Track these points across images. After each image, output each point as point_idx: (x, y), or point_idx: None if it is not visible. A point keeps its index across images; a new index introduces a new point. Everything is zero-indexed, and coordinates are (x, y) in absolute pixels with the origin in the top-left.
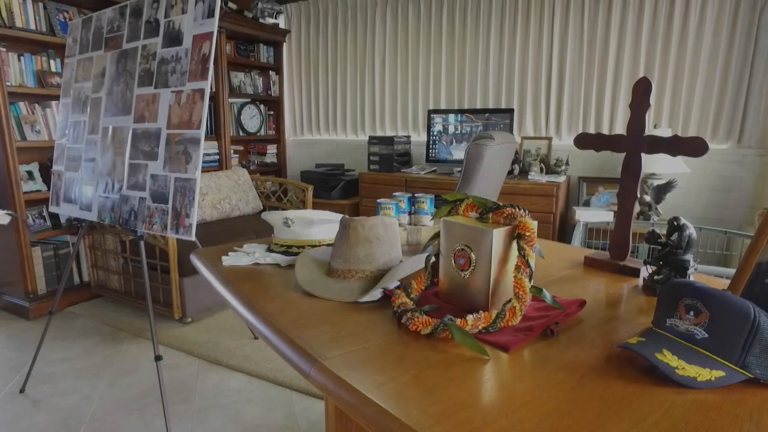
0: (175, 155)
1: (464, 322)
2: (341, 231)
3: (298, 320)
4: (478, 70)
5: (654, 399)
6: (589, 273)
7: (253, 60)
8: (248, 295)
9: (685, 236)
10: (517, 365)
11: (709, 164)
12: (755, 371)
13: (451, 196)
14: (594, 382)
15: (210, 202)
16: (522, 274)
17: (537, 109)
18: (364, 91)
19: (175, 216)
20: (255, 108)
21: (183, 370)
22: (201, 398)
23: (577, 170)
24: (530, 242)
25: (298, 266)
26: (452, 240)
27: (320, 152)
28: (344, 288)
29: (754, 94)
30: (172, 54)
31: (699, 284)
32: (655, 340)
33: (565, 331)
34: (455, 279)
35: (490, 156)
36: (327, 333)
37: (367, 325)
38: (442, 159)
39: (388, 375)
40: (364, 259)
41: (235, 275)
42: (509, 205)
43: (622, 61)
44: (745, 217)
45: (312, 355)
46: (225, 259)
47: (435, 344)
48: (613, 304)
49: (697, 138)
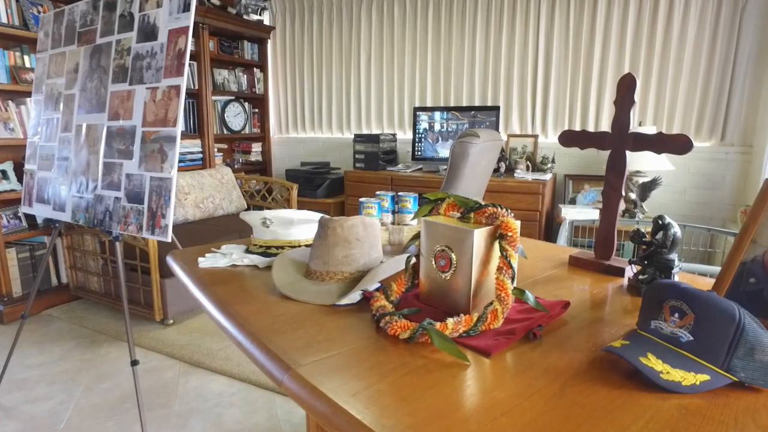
0: (151, 154)
1: (444, 325)
2: (319, 231)
3: (273, 324)
4: (464, 67)
5: (638, 405)
6: (574, 273)
7: (237, 57)
8: (223, 299)
9: (669, 235)
10: (498, 371)
11: (693, 162)
12: (740, 374)
13: (432, 195)
14: (577, 387)
15: (193, 202)
16: (504, 275)
17: (523, 107)
18: (350, 89)
19: (151, 216)
20: (239, 106)
21: (163, 373)
22: (181, 402)
23: (563, 168)
24: (512, 242)
25: (275, 268)
26: (433, 240)
27: (306, 150)
28: (322, 290)
29: (736, 93)
30: (147, 49)
31: (684, 285)
32: (640, 343)
33: (549, 333)
34: (436, 281)
35: (475, 154)
36: (302, 338)
37: (344, 330)
38: (428, 157)
39: (364, 382)
40: (343, 261)
41: (211, 277)
42: (491, 205)
43: (608, 59)
44: (728, 215)
45: (286, 361)
46: (201, 261)
47: (414, 349)
48: (598, 305)
49: (682, 135)
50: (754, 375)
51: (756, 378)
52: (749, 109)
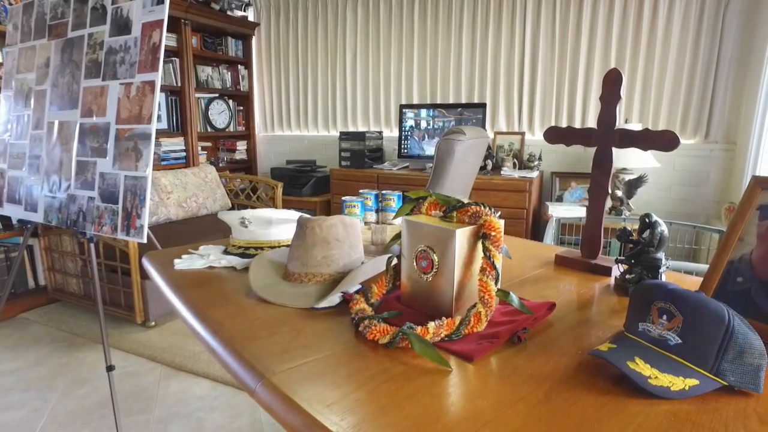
0: (125, 152)
1: (425, 330)
2: (297, 231)
3: (248, 329)
4: (450, 64)
5: (625, 413)
6: (560, 272)
7: (221, 54)
8: (197, 302)
9: (656, 234)
10: (482, 377)
11: (678, 159)
12: (729, 378)
13: (414, 193)
14: (562, 394)
15: (175, 201)
16: (487, 276)
17: (510, 104)
18: (336, 86)
19: (126, 217)
20: (223, 103)
21: (144, 377)
22: (162, 407)
23: (550, 165)
24: (496, 242)
25: (252, 269)
26: (414, 241)
27: (291, 148)
28: (300, 293)
29: (719, 90)
30: (121, 43)
31: (672, 286)
32: (627, 346)
33: (534, 336)
34: (418, 282)
35: (461, 151)
36: (278, 344)
37: (322, 334)
38: (414, 155)
39: (340, 391)
40: (322, 262)
41: (186, 280)
42: (474, 203)
43: (594, 56)
44: (712, 211)
45: (259, 369)
46: (177, 263)
47: (394, 354)
48: (584, 306)
49: (668, 131)
50: (744, 379)
51: (745, 382)
52: (732, 106)
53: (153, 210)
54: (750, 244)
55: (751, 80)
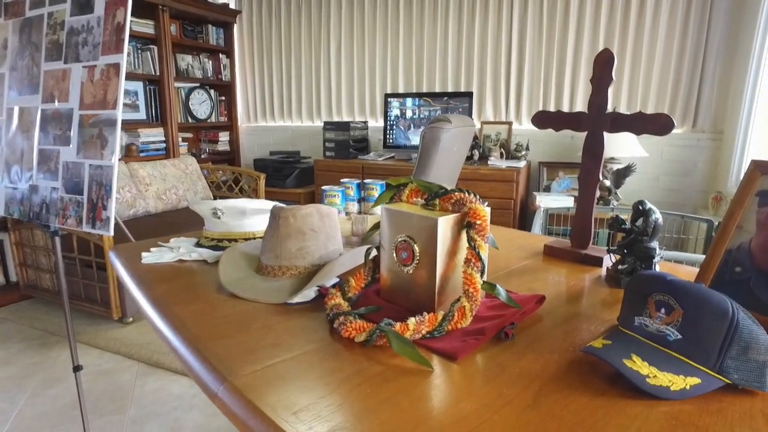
0: (90, 139)
1: (405, 326)
2: (271, 222)
3: (214, 327)
4: (436, 52)
5: (622, 416)
6: (549, 263)
7: (201, 42)
8: (163, 298)
9: (650, 222)
10: (466, 378)
11: (666, 148)
12: (733, 376)
13: (395, 180)
14: (553, 396)
15: (154, 193)
16: (472, 268)
17: (497, 93)
18: (320, 75)
19: (91, 208)
20: (204, 93)
21: (120, 375)
22: (138, 406)
23: (538, 155)
24: (481, 231)
25: (223, 263)
26: (393, 230)
27: (275, 139)
28: (273, 287)
29: (707, 80)
30: (83, 23)
31: (671, 277)
32: (623, 342)
33: (522, 332)
34: (398, 275)
35: (447, 140)
36: (246, 343)
37: (294, 332)
38: (400, 145)
39: (310, 395)
40: (297, 254)
41: (153, 274)
42: (457, 190)
43: (581, 46)
44: (699, 201)
45: (221, 371)
46: (145, 256)
47: (371, 354)
48: (575, 298)
49: (663, 114)
50: (749, 376)
51: (750, 380)
52: (719, 95)
53: (131, 202)
54: (749, 232)
55: (738, 69)
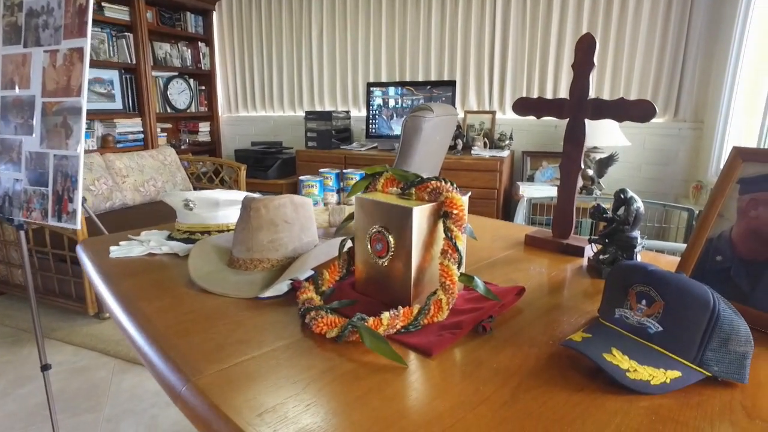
0: (54, 128)
1: (378, 321)
2: (242, 213)
3: (180, 324)
4: (419, 40)
5: (601, 412)
6: (530, 253)
7: (179, 30)
8: (129, 294)
9: (632, 211)
10: (441, 374)
11: (648, 138)
12: (713, 368)
13: (370, 169)
14: (531, 392)
15: (132, 185)
16: (449, 259)
17: (480, 82)
18: (302, 64)
19: (57, 201)
20: (183, 82)
21: (95, 372)
22: (113, 404)
23: (521, 145)
24: (458, 221)
25: (192, 256)
26: (367, 221)
27: (257, 130)
28: (244, 281)
29: (688, 69)
30: (42, 4)
31: (652, 267)
32: (603, 335)
33: (501, 325)
34: (373, 267)
35: (428, 129)
36: (213, 340)
37: (264, 328)
38: (383, 134)
39: (277, 395)
40: (269, 246)
41: (121, 269)
42: (434, 178)
43: (565, 35)
44: (680, 190)
45: (185, 371)
46: (113, 250)
47: (343, 350)
48: (556, 290)
49: (644, 100)
50: (729, 368)
51: (730, 372)
52: (700, 85)
53: (107, 195)
54: (730, 220)
55: (718, 59)
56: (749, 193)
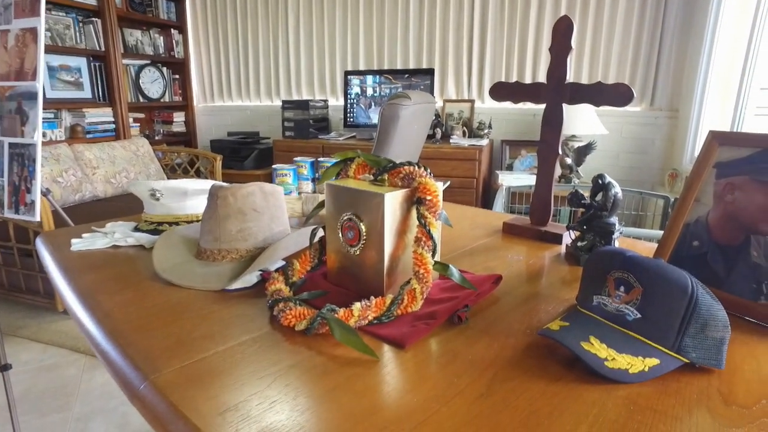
0: (8, 115)
1: (349, 312)
2: (209, 202)
3: (141, 319)
4: (397, 28)
5: (579, 402)
6: (508, 241)
7: (150, 16)
8: (89, 288)
9: (610, 197)
10: (414, 367)
11: (626, 126)
12: (691, 355)
13: (341, 155)
14: (507, 384)
15: (103, 177)
16: (423, 248)
17: (459, 70)
18: (278, 52)
19: (13, 192)
20: (156, 71)
21: (64, 370)
22: (83, 403)
23: (500, 133)
24: (432, 208)
25: (157, 247)
26: (338, 208)
27: (233, 120)
28: (211, 273)
29: (663, 59)
30: None
31: (630, 253)
32: (581, 323)
33: (477, 314)
34: (345, 256)
35: (406, 117)
36: (174, 335)
37: (231, 322)
38: (360, 123)
39: (240, 392)
40: (237, 236)
41: (83, 262)
42: (407, 163)
43: (543, 24)
44: (657, 178)
45: (143, 369)
46: (75, 243)
47: (313, 343)
48: (534, 277)
49: (622, 84)
50: (706, 354)
51: (708, 357)
52: (675, 74)
53: (76, 186)
54: (706, 204)
55: (693, 47)
56: (725, 178)
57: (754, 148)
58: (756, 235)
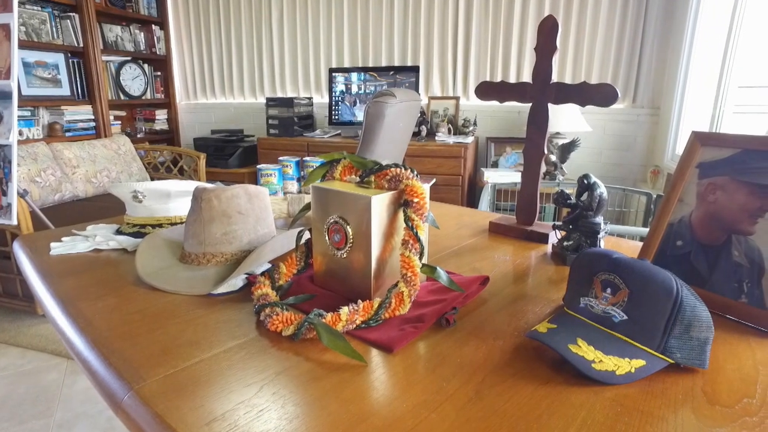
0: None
1: (336, 316)
2: (193, 205)
3: (125, 326)
4: (382, 25)
5: (567, 405)
6: (495, 240)
7: (130, 12)
8: (69, 294)
9: (595, 196)
10: (402, 371)
11: (609, 123)
12: (676, 356)
13: (328, 156)
14: (496, 388)
15: (83, 176)
16: (410, 250)
17: (444, 67)
18: (262, 49)
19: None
20: (137, 68)
21: (45, 375)
22: (65, 408)
23: (485, 131)
24: (419, 210)
25: (141, 251)
26: (324, 211)
27: (217, 117)
28: (196, 277)
29: (645, 57)
30: None
31: (617, 255)
32: (568, 326)
33: (465, 317)
34: (332, 259)
35: (391, 115)
36: (160, 342)
37: (217, 327)
38: (345, 121)
39: (227, 401)
40: (222, 239)
41: (64, 267)
42: (393, 165)
43: (527, 21)
44: (639, 175)
45: (127, 378)
46: (54, 247)
47: (301, 349)
48: (521, 278)
49: (606, 84)
50: (690, 354)
51: (692, 357)
52: (657, 72)
53: (55, 186)
54: (690, 204)
55: (674, 46)
56: (708, 178)
57: (734, 149)
58: (737, 235)
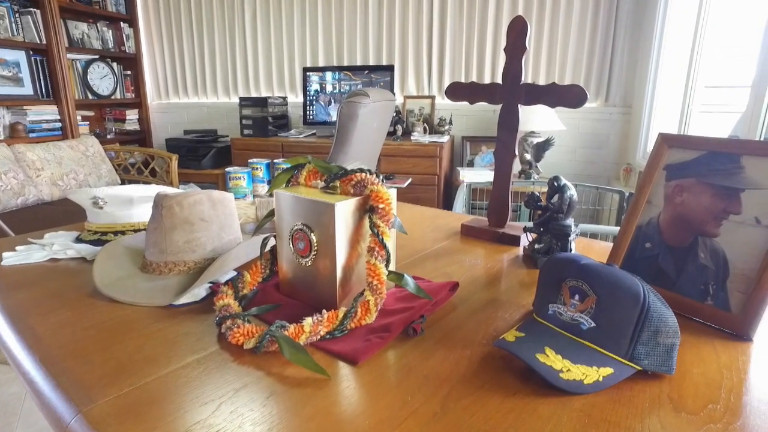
0: None
1: (300, 328)
2: (153, 212)
3: (77, 342)
4: (356, 23)
5: (534, 417)
6: (466, 243)
7: (97, 8)
8: (19, 308)
9: (566, 199)
10: (367, 385)
11: (582, 122)
12: (643, 362)
13: (292, 160)
14: (462, 401)
15: (48, 179)
16: (376, 258)
17: (419, 66)
18: (235, 47)
19: None
20: (106, 66)
21: (5, 389)
22: (26, 424)
23: (461, 130)
24: (385, 216)
25: (99, 260)
26: (288, 218)
27: (190, 118)
28: (157, 287)
29: (617, 56)
30: None
31: (585, 260)
32: (536, 334)
33: (433, 324)
34: (297, 267)
35: (365, 115)
36: (114, 359)
37: (177, 341)
38: (320, 121)
39: (183, 422)
40: (185, 247)
41: (17, 277)
42: (359, 170)
43: (501, 20)
44: (612, 173)
45: (75, 400)
46: (7, 257)
47: (263, 363)
48: (491, 283)
49: (576, 86)
50: (657, 361)
51: (659, 364)
52: (628, 71)
53: (18, 190)
54: (658, 206)
55: (644, 45)
56: (675, 179)
57: (700, 151)
58: (703, 237)
